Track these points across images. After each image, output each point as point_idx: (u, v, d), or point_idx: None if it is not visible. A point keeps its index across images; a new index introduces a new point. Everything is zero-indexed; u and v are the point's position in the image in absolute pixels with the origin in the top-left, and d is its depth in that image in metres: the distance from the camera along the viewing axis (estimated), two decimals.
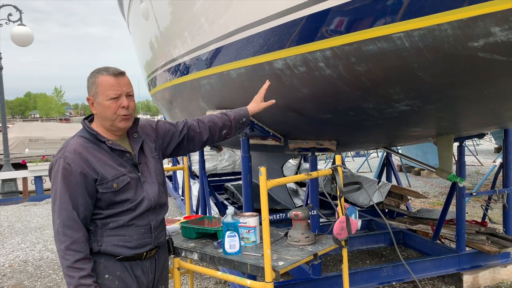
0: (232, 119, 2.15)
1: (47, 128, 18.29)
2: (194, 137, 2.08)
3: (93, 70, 1.77)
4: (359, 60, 1.93)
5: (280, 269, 1.92)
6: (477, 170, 10.43)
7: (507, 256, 3.81)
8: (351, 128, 2.85)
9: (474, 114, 2.50)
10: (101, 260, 1.73)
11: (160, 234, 1.89)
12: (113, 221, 1.73)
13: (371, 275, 3.48)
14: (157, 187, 1.84)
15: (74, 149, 1.69)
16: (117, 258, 1.74)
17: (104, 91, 1.70)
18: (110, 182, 1.70)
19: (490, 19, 1.47)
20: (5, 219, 7.30)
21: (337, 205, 2.23)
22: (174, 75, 3.91)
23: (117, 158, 1.76)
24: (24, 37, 9.04)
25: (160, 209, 1.88)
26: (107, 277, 1.73)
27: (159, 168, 1.92)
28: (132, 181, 1.76)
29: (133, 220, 1.75)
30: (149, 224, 1.80)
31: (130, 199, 1.74)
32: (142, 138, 1.89)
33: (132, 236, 1.76)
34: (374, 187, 5.26)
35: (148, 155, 1.88)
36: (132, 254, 1.77)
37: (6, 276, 4.52)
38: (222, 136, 2.15)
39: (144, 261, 1.82)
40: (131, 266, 1.78)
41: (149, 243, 1.81)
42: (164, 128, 2.02)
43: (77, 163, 1.66)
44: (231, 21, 2.66)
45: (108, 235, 1.73)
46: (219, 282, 4.00)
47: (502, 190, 3.85)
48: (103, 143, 1.75)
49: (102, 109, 1.73)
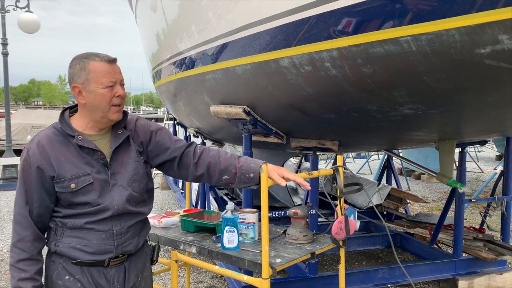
0: (238, 167, 1.79)
1: (50, 116, 18.27)
2: (188, 165, 1.79)
3: (77, 55, 1.60)
4: (365, 62, 1.93)
5: (277, 266, 1.93)
6: (478, 177, 10.42)
7: (504, 264, 3.82)
8: (354, 129, 2.86)
9: (478, 121, 2.50)
10: (60, 261, 1.61)
11: (128, 242, 1.67)
12: (70, 221, 1.58)
13: (367, 276, 3.50)
14: (127, 193, 1.63)
15: (38, 141, 1.57)
16: (73, 262, 1.59)
17: (98, 79, 1.54)
18: (67, 182, 1.55)
19: (498, 26, 1.47)
20: (5, 205, 7.33)
21: (337, 205, 2.24)
22: (180, 68, 3.92)
23: (84, 156, 1.59)
24: (31, 24, 9.04)
25: (129, 215, 1.66)
26: (68, 278, 1.60)
27: (140, 174, 1.69)
28: (97, 183, 1.58)
29: (91, 224, 1.58)
30: (111, 230, 1.61)
31: (90, 202, 1.57)
32: (126, 135, 1.68)
33: (91, 240, 1.59)
34: (374, 189, 5.26)
35: (131, 157, 1.68)
36: (91, 260, 1.60)
37: (4, 261, 4.55)
38: (223, 181, 1.80)
39: (107, 268, 1.63)
40: (90, 272, 1.61)
41: (111, 251, 1.62)
42: (161, 138, 1.78)
43: (36, 156, 1.55)
44: (239, 17, 2.66)
45: (68, 235, 1.59)
46: (215, 277, 4.02)
47: (502, 198, 3.86)
48: (72, 138, 1.59)
49: (94, 98, 1.56)
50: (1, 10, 9.21)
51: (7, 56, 9.36)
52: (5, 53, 9.33)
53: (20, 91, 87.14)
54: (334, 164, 2.24)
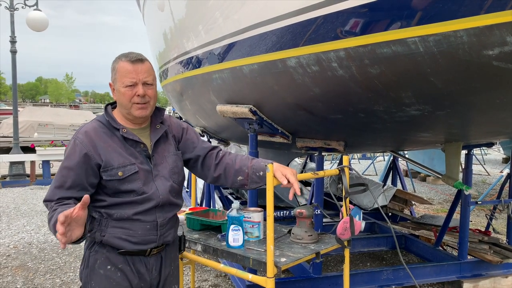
0: (250, 166, 1.85)
1: (57, 114, 18.42)
2: (210, 166, 1.90)
3: (119, 55, 1.72)
4: (373, 62, 1.93)
5: (282, 265, 1.94)
6: (484, 179, 10.35)
7: (509, 267, 3.80)
8: (360, 129, 2.86)
9: (485, 122, 2.49)
10: (103, 251, 1.69)
11: (168, 232, 1.78)
12: (117, 212, 1.66)
13: (371, 277, 3.49)
14: (169, 184, 1.75)
15: (85, 131, 1.67)
16: (119, 251, 1.68)
17: (121, 78, 1.65)
18: (115, 170, 1.64)
19: (507, 28, 1.47)
20: (12, 201, 7.39)
21: (342, 205, 2.24)
22: (186, 67, 3.94)
23: (128, 148, 1.70)
24: (39, 22, 9.11)
25: (170, 206, 1.78)
26: (109, 268, 1.69)
27: (179, 167, 1.82)
28: (142, 172, 1.68)
29: (138, 214, 1.68)
30: (155, 221, 1.71)
31: (136, 190, 1.67)
32: (164, 130, 1.80)
33: (136, 231, 1.68)
34: (379, 190, 5.25)
35: (170, 151, 1.80)
36: (135, 249, 1.69)
37: (11, 256, 4.59)
38: (238, 182, 1.87)
39: (148, 257, 1.74)
40: (133, 261, 1.71)
41: (154, 241, 1.72)
42: (190, 136, 1.92)
43: (85, 144, 1.64)
44: (246, 17, 2.67)
45: (113, 226, 1.67)
46: (219, 275, 4.04)
47: (508, 200, 3.84)
48: (117, 131, 1.70)
49: (118, 96, 1.68)
50: (10, 8, 9.29)
51: (15, 54, 9.44)
52: (14, 51, 9.40)
53: (27, 88, 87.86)
54: (339, 165, 2.24)
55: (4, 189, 8.56)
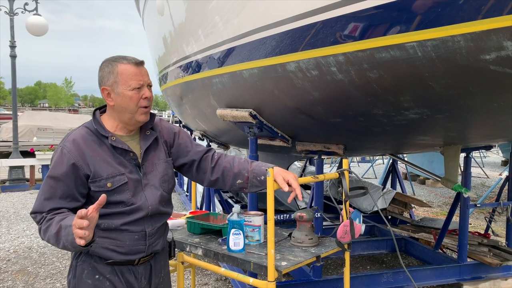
0: (250, 170, 1.81)
1: (56, 118, 18.42)
2: (206, 170, 1.85)
3: (107, 59, 1.65)
4: (372, 67, 1.95)
5: (283, 269, 1.95)
6: (483, 182, 10.37)
7: (509, 269, 3.81)
8: (359, 133, 2.87)
9: (483, 126, 2.51)
10: (90, 261, 1.64)
11: (156, 242, 1.73)
12: (104, 222, 1.60)
13: (371, 280, 3.50)
14: (159, 194, 1.70)
15: (73, 139, 1.60)
16: (106, 262, 1.63)
17: (125, 81, 1.58)
18: (104, 181, 1.58)
19: (503, 33, 1.49)
20: (11, 206, 7.39)
21: (342, 208, 2.25)
22: (186, 72, 3.96)
23: (118, 157, 1.63)
24: (39, 27, 9.13)
25: (159, 216, 1.73)
26: (97, 277, 1.64)
27: (169, 175, 1.76)
28: (131, 182, 1.63)
29: (126, 225, 1.62)
30: (144, 231, 1.66)
31: (124, 201, 1.61)
32: (154, 136, 1.74)
33: (124, 241, 1.63)
34: (379, 194, 5.26)
35: (160, 158, 1.74)
36: (122, 259, 1.65)
37: (11, 261, 4.59)
38: (236, 186, 1.83)
39: (136, 266, 1.69)
40: (121, 270, 1.66)
41: (142, 251, 1.68)
42: (183, 140, 1.85)
43: (73, 153, 1.56)
44: (246, 22, 2.69)
45: (100, 236, 1.59)
46: (220, 279, 4.04)
47: (507, 203, 3.85)
48: (106, 139, 1.62)
49: (122, 100, 1.60)
50: (9, 13, 9.32)
51: (15, 58, 9.45)
52: (13, 56, 9.41)
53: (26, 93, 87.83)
54: (338, 168, 2.25)
55: (3, 193, 8.56)
